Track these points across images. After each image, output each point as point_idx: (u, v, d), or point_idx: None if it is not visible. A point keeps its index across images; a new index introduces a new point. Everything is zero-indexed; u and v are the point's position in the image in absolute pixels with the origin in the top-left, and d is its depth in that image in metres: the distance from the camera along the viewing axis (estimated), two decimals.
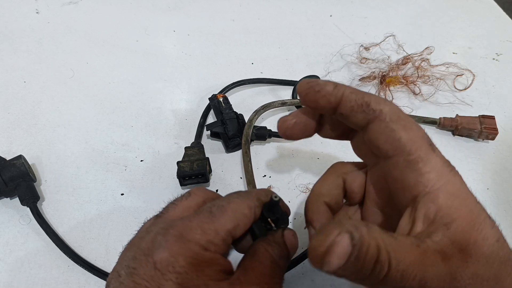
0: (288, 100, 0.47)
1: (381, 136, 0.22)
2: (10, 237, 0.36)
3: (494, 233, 0.20)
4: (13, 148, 0.43)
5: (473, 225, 0.20)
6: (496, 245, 0.20)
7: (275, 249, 0.25)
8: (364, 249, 0.18)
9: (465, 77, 0.54)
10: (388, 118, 0.22)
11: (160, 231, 0.23)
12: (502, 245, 0.20)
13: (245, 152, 0.41)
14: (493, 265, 0.20)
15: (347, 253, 0.18)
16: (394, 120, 0.22)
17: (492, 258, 0.20)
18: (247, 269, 0.23)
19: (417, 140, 0.22)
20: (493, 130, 0.45)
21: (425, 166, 0.21)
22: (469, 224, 0.20)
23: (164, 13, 0.65)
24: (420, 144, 0.22)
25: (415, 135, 0.22)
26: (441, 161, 0.22)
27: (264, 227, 0.26)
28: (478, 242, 0.19)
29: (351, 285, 0.34)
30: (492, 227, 0.20)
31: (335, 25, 0.65)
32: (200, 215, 0.23)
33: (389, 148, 0.22)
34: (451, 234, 0.20)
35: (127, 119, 0.47)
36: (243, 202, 0.25)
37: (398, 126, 0.22)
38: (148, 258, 0.22)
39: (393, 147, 0.22)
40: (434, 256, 0.19)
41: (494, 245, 0.20)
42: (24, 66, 0.53)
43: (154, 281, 0.21)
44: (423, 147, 0.22)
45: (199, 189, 0.27)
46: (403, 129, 0.22)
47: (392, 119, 0.22)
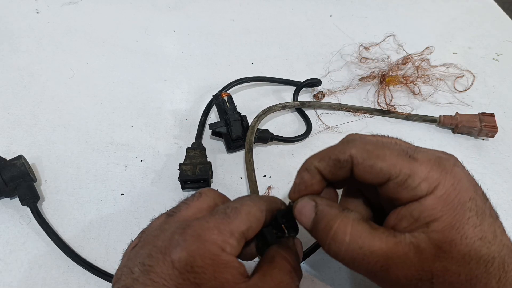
0: (288, 103, 0.47)
1: (365, 175, 0.24)
2: (10, 237, 0.36)
3: (477, 232, 0.21)
4: (13, 148, 0.43)
5: (453, 224, 0.21)
6: (478, 243, 0.21)
7: (293, 256, 0.25)
8: (321, 221, 0.24)
9: (465, 78, 0.54)
10: (361, 159, 0.24)
11: (177, 230, 0.23)
12: (489, 243, 0.21)
13: (248, 160, 0.41)
14: (470, 262, 0.21)
15: (311, 216, 0.24)
16: (366, 158, 0.23)
17: (469, 256, 0.21)
18: (266, 275, 0.23)
19: (395, 161, 0.23)
20: (493, 128, 0.45)
21: (413, 181, 0.22)
22: (449, 224, 0.21)
23: (164, 13, 0.65)
24: (400, 163, 0.23)
25: (391, 158, 0.23)
26: (428, 166, 0.22)
27: (275, 233, 0.26)
28: (455, 240, 0.21)
29: (351, 285, 0.34)
30: (476, 227, 0.21)
31: (335, 25, 0.65)
32: (216, 216, 0.24)
33: (377, 181, 0.23)
34: (430, 231, 0.21)
35: (127, 119, 0.47)
36: (256, 205, 0.25)
37: (372, 160, 0.23)
38: (165, 257, 0.22)
39: (380, 178, 0.23)
40: (407, 247, 0.22)
41: (475, 244, 0.21)
42: (24, 66, 0.53)
43: (172, 280, 0.21)
44: (404, 164, 0.22)
45: (209, 190, 0.27)
46: (378, 160, 0.23)
47: (364, 157, 0.24)
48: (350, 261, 0.23)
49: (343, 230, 0.23)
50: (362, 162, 0.23)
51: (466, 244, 0.21)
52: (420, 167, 0.22)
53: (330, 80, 0.53)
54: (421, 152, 0.23)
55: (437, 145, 0.46)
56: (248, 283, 0.23)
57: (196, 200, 0.26)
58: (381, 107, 0.49)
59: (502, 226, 0.23)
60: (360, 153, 0.24)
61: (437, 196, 0.22)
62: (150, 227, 0.25)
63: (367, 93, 0.52)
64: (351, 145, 0.24)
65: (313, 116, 0.48)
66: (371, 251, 0.22)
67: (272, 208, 0.26)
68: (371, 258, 0.22)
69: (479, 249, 0.21)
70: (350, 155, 0.24)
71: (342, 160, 0.24)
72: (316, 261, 0.35)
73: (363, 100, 0.51)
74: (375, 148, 0.24)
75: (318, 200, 0.25)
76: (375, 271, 0.22)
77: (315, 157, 0.26)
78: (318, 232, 0.24)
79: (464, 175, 0.23)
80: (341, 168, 0.25)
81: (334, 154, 0.25)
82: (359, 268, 0.23)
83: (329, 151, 0.25)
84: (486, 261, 0.21)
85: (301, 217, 0.25)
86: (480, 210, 0.22)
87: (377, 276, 0.23)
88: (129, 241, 0.26)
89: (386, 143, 0.24)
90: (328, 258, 0.34)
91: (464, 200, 0.22)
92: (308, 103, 0.48)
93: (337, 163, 0.25)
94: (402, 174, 0.22)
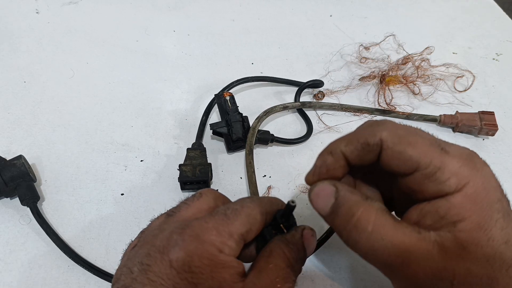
0: (289, 104, 0.47)
1: (393, 162, 0.22)
2: (10, 237, 0.36)
3: (503, 235, 0.21)
4: (13, 148, 0.43)
5: (481, 226, 0.20)
6: (503, 247, 0.20)
7: (292, 252, 0.24)
8: (342, 207, 0.23)
9: (465, 78, 0.54)
10: (391, 143, 0.22)
11: (176, 230, 0.23)
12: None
13: (249, 162, 0.41)
14: (494, 265, 0.20)
15: (330, 202, 0.23)
16: (396, 143, 0.22)
17: (494, 259, 0.20)
18: (261, 272, 0.23)
19: (427, 151, 0.22)
20: (493, 126, 0.45)
21: (443, 174, 0.21)
22: (477, 225, 0.20)
23: (164, 13, 0.65)
24: (431, 153, 0.21)
25: (423, 146, 0.22)
26: (459, 161, 0.21)
27: (274, 233, 0.26)
28: (481, 242, 0.20)
29: (351, 285, 0.34)
30: (503, 229, 0.21)
31: (335, 25, 0.65)
32: (216, 216, 0.23)
33: (404, 169, 0.22)
34: (456, 231, 0.21)
35: (127, 119, 0.47)
36: (256, 207, 0.25)
37: (403, 146, 0.22)
38: (163, 256, 0.22)
39: (407, 167, 0.22)
40: (431, 246, 0.21)
41: (501, 247, 0.20)
42: (24, 66, 0.53)
43: (170, 279, 0.21)
44: (435, 156, 0.21)
45: (210, 191, 0.27)
46: (409, 147, 0.22)
47: (395, 142, 0.22)
48: (368, 252, 0.22)
49: (366, 218, 0.22)
50: (392, 147, 0.22)
51: (492, 247, 0.20)
52: (452, 161, 0.21)
53: (330, 80, 0.53)
54: (453, 146, 0.23)
55: None
56: (244, 282, 0.22)
57: (196, 200, 0.26)
58: (382, 107, 0.49)
59: None
60: (391, 137, 0.22)
61: (467, 194, 0.21)
62: (149, 227, 0.25)
63: (367, 93, 0.52)
64: (381, 128, 0.23)
65: (313, 116, 0.48)
66: (393, 244, 0.21)
67: (273, 210, 0.26)
68: (392, 251, 0.21)
69: (504, 252, 0.20)
70: (381, 138, 0.22)
71: (371, 144, 0.23)
72: (316, 261, 0.35)
73: (363, 100, 0.51)
74: (407, 134, 0.22)
75: (339, 186, 0.24)
76: (394, 265, 0.22)
77: (342, 140, 0.24)
78: (338, 218, 0.23)
79: (492, 175, 0.22)
80: (369, 152, 0.23)
81: (363, 137, 0.23)
82: (376, 260, 0.22)
83: (357, 134, 0.24)
84: (508, 265, 0.20)
85: (317, 201, 0.24)
86: (506, 212, 0.21)
87: (394, 271, 0.22)
88: (129, 241, 0.26)
89: (418, 131, 0.23)
90: (328, 258, 0.34)
91: (493, 201, 0.21)
92: (309, 104, 0.48)
93: (366, 147, 0.23)
94: (432, 166, 0.21)
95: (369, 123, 0.25)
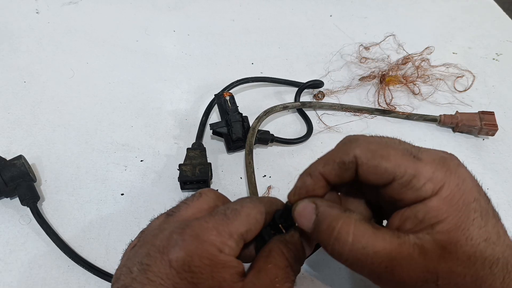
0: (289, 104, 0.47)
1: (370, 176, 0.23)
2: (10, 237, 0.36)
3: (482, 233, 0.21)
4: (13, 148, 0.43)
5: (458, 226, 0.21)
6: (483, 245, 0.21)
7: (291, 252, 0.25)
8: (323, 222, 0.23)
9: (465, 78, 0.54)
10: (365, 159, 0.23)
11: (176, 230, 0.23)
12: (493, 244, 0.21)
13: (248, 162, 0.41)
14: (476, 263, 0.21)
15: (312, 219, 0.24)
16: (370, 158, 0.23)
17: (475, 257, 0.21)
18: (261, 271, 0.23)
19: (400, 161, 0.22)
20: (493, 126, 0.45)
21: (418, 181, 0.22)
22: (454, 225, 0.21)
23: (164, 13, 0.65)
24: (405, 163, 0.22)
25: (395, 157, 0.22)
26: (432, 166, 0.22)
27: (273, 233, 0.26)
28: (460, 241, 0.21)
29: (351, 285, 0.34)
30: (481, 228, 0.21)
31: (335, 25, 0.65)
32: (215, 216, 0.23)
33: (382, 181, 0.23)
34: (435, 233, 0.21)
35: (127, 119, 0.47)
36: (256, 207, 0.25)
37: (377, 160, 0.23)
38: (163, 256, 0.22)
39: (384, 179, 0.23)
40: (412, 249, 0.21)
41: (480, 245, 0.21)
42: (24, 66, 0.53)
43: (169, 279, 0.21)
44: (409, 164, 0.22)
45: (209, 191, 0.27)
46: (383, 160, 0.23)
47: (368, 157, 0.23)
48: (353, 262, 0.23)
49: (346, 230, 0.22)
50: (367, 162, 0.23)
51: (471, 245, 0.21)
52: (425, 167, 0.22)
53: (330, 80, 0.53)
54: (425, 152, 0.23)
55: (437, 144, 0.46)
56: (244, 282, 0.23)
57: (196, 200, 0.26)
58: (382, 107, 0.49)
59: (504, 227, 0.23)
60: (364, 153, 0.23)
61: (442, 197, 0.21)
62: (149, 227, 0.25)
63: (367, 93, 0.52)
64: (354, 145, 0.24)
65: (313, 117, 0.48)
66: (375, 251, 0.22)
67: (272, 210, 0.26)
68: (375, 259, 0.22)
69: (484, 250, 0.21)
70: (354, 156, 0.23)
71: (346, 162, 0.24)
72: (316, 261, 0.35)
73: (363, 100, 0.51)
74: (379, 147, 0.23)
75: (318, 202, 0.25)
76: (379, 272, 0.22)
77: (319, 162, 0.25)
78: (320, 234, 0.24)
79: (468, 176, 0.23)
80: (346, 170, 0.24)
81: (338, 157, 0.24)
82: (362, 269, 0.23)
83: (332, 155, 0.25)
84: (490, 262, 0.21)
85: (301, 220, 0.25)
86: (484, 211, 0.22)
87: (381, 278, 0.23)
88: (129, 241, 0.26)
89: (390, 143, 0.24)
90: (328, 258, 0.34)
91: (469, 201, 0.21)
92: (309, 104, 0.48)
93: (342, 166, 0.24)
94: (407, 175, 0.22)
95: (343, 142, 0.25)
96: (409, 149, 0.23)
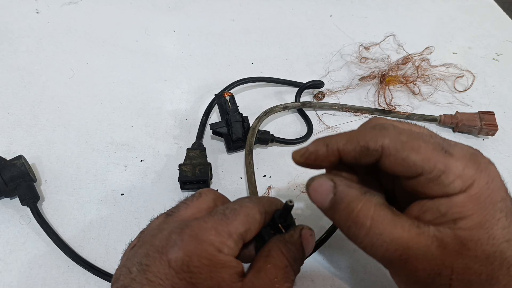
0: (289, 104, 0.47)
1: (396, 167, 0.22)
2: (10, 237, 0.36)
3: (505, 233, 0.21)
4: (13, 148, 0.43)
5: (482, 224, 0.20)
6: (504, 245, 0.20)
7: (290, 251, 0.24)
8: (341, 202, 0.23)
9: (465, 78, 0.54)
10: (393, 150, 0.22)
11: (175, 230, 0.23)
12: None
13: (248, 162, 0.41)
14: (494, 263, 0.20)
15: (328, 197, 0.23)
16: (399, 149, 0.22)
17: (494, 257, 0.20)
18: (260, 271, 0.23)
19: (430, 155, 0.21)
20: (493, 126, 0.45)
21: (448, 177, 0.21)
22: (478, 223, 0.20)
23: (164, 13, 0.65)
24: (435, 157, 0.21)
25: (426, 151, 0.21)
26: (463, 162, 0.21)
27: (273, 233, 0.26)
28: (481, 240, 0.20)
29: (351, 285, 0.34)
30: (505, 228, 0.21)
31: (335, 25, 0.65)
32: (215, 216, 0.23)
33: (408, 174, 0.22)
34: (456, 229, 0.21)
35: (127, 119, 0.47)
36: (255, 207, 0.25)
37: (406, 152, 0.22)
38: (162, 256, 0.22)
39: (411, 171, 0.22)
40: (430, 240, 0.21)
41: (502, 245, 0.20)
42: (24, 66, 0.53)
43: (168, 279, 0.21)
44: (439, 159, 0.21)
45: (209, 191, 0.27)
46: (412, 152, 0.21)
47: (397, 148, 0.22)
48: (368, 246, 0.22)
49: (365, 213, 0.22)
50: (395, 153, 0.22)
51: (492, 245, 0.20)
52: (455, 163, 0.21)
53: (330, 80, 0.53)
54: (456, 147, 0.22)
55: None
56: (243, 282, 0.22)
57: (196, 200, 0.26)
58: (382, 107, 0.49)
59: None
60: (393, 144, 0.22)
61: (470, 195, 0.21)
62: (149, 227, 0.25)
63: (367, 93, 0.52)
64: (384, 134, 0.22)
65: (313, 117, 0.48)
66: (391, 239, 0.21)
67: (272, 210, 0.26)
68: (391, 246, 0.21)
69: (505, 251, 0.20)
70: (382, 146, 0.22)
71: (371, 149, 0.22)
72: (316, 261, 0.35)
73: (363, 100, 0.51)
74: (410, 139, 0.22)
75: (337, 180, 0.23)
76: (393, 259, 0.22)
77: (341, 137, 0.24)
78: (337, 213, 0.23)
79: (497, 174, 0.22)
80: (367, 156, 0.23)
81: (363, 140, 0.23)
82: (376, 254, 0.22)
83: (357, 135, 0.23)
84: (509, 263, 0.21)
85: (316, 196, 0.24)
86: (509, 211, 0.21)
87: (394, 266, 0.22)
88: (129, 241, 0.26)
89: (421, 134, 0.23)
90: (328, 258, 0.34)
91: (496, 200, 0.21)
92: (309, 104, 0.48)
93: (365, 151, 0.22)
94: (436, 170, 0.21)
95: (372, 125, 0.24)
96: (441, 143, 0.22)
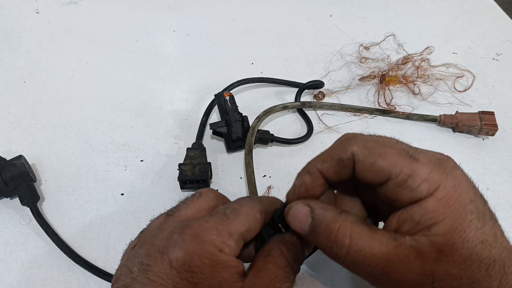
0: (289, 104, 0.47)
1: (366, 173, 0.23)
2: (10, 237, 0.36)
3: (478, 235, 0.21)
4: (13, 148, 0.43)
5: (455, 228, 0.21)
6: (480, 247, 0.21)
7: (290, 251, 0.25)
8: (320, 225, 0.23)
9: (465, 78, 0.54)
10: (362, 156, 0.23)
11: (175, 230, 0.23)
12: (490, 246, 0.21)
13: (248, 162, 0.41)
14: (472, 265, 0.21)
15: (307, 222, 0.24)
16: (367, 155, 0.23)
17: (471, 259, 0.21)
18: (260, 271, 0.23)
19: (396, 160, 0.22)
20: (493, 126, 0.45)
21: (414, 181, 0.22)
22: (451, 227, 0.21)
23: (164, 13, 0.65)
24: (401, 162, 0.22)
25: (392, 156, 0.22)
26: (429, 167, 0.22)
27: (272, 233, 0.26)
28: (457, 244, 0.21)
29: (351, 285, 0.34)
30: (478, 230, 0.21)
31: (335, 25, 0.65)
32: (215, 216, 0.23)
33: (378, 179, 0.23)
34: (431, 235, 0.21)
35: (127, 119, 0.47)
36: (255, 206, 0.25)
37: (373, 158, 0.23)
38: (163, 256, 0.22)
39: (380, 177, 0.23)
40: (408, 251, 0.21)
41: (477, 247, 0.21)
42: (24, 66, 0.53)
43: (170, 279, 0.21)
44: (405, 164, 0.22)
45: (209, 191, 0.27)
46: (379, 158, 0.22)
47: (365, 154, 0.23)
48: (350, 264, 0.23)
49: (343, 233, 0.22)
50: (364, 160, 0.23)
51: (467, 248, 0.21)
52: (421, 167, 0.22)
53: (330, 80, 0.53)
54: (422, 153, 0.23)
55: (437, 144, 0.46)
56: (244, 282, 0.23)
57: (196, 200, 0.26)
58: (382, 107, 0.49)
59: (501, 229, 0.22)
60: (361, 150, 0.23)
61: (438, 198, 0.21)
62: (149, 227, 0.25)
63: (367, 93, 0.52)
64: (352, 142, 0.24)
65: (313, 117, 0.48)
66: (371, 254, 0.22)
67: (272, 209, 0.26)
68: (371, 261, 0.22)
69: (481, 252, 0.21)
70: (352, 153, 0.23)
71: (344, 159, 0.24)
72: (316, 261, 0.35)
73: (363, 100, 0.51)
74: (376, 145, 0.23)
75: (313, 204, 0.24)
76: (376, 274, 0.22)
77: (317, 159, 0.25)
78: (318, 236, 0.23)
79: (464, 178, 0.23)
80: (344, 167, 0.24)
81: (336, 154, 0.24)
82: (359, 271, 0.23)
83: (330, 152, 0.25)
84: (487, 264, 0.21)
85: (295, 223, 0.24)
86: (481, 212, 0.22)
87: (378, 280, 0.23)
88: (129, 241, 0.26)
89: (387, 142, 0.24)
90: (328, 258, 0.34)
91: (465, 202, 0.21)
92: (309, 104, 0.48)
93: (340, 163, 0.24)
94: (403, 174, 0.22)
95: (341, 139, 0.25)
96: (406, 149, 0.23)
